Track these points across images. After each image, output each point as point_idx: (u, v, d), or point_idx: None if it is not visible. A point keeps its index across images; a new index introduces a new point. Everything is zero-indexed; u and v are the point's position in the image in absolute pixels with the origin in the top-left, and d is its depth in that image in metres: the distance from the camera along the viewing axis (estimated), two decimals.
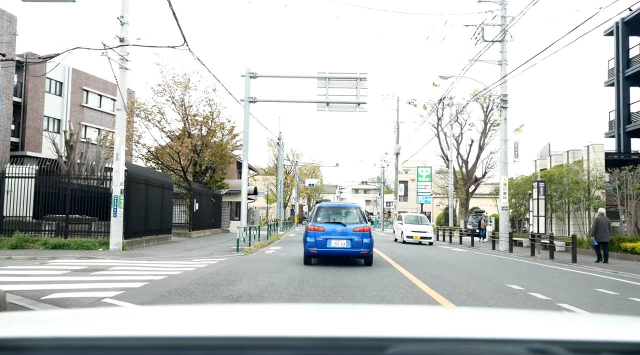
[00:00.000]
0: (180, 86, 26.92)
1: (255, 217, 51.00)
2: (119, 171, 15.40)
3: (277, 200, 41.53)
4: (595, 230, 15.64)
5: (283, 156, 41.17)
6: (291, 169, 67.13)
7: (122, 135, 15.65)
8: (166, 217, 20.82)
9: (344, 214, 12.86)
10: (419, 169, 51.20)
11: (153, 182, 19.08)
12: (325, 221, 12.40)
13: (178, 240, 22.31)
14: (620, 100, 27.71)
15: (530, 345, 1.02)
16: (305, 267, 11.84)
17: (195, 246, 18.53)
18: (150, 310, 2.51)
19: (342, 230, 12.05)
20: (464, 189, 43.86)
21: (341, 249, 12.02)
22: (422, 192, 53.68)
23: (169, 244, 19.33)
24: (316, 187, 76.97)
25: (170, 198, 21.42)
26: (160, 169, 29.77)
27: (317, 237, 12.02)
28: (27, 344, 1.05)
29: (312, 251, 12.07)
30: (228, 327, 1.29)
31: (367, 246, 12.03)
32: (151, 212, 18.85)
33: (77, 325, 1.35)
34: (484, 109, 43.95)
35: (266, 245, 20.57)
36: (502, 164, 22.04)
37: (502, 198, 21.72)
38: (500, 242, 21.56)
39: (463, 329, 1.34)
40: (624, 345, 1.09)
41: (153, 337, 1.11)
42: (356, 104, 18.76)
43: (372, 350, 1.03)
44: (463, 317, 1.73)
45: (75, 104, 38.25)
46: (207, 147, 28.76)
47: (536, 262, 16.44)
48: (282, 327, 1.31)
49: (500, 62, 22.01)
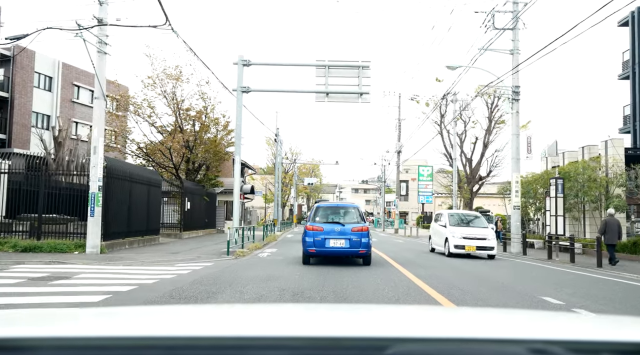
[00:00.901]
0: (171, 79, 25.44)
1: (252, 217, 49.50)
2: (96, 166, 13.94)
3: (275, 199, 40.01)
4: (604, 231, 14.81)
5: (281, 154, 39.69)
6: (290, 168, 65.60)
7: (100, 126, 14.18)
8: (153, 216, 19.36)
9: (343, 213, 12.81)
10: (420, 168, 49.77)
11: (138, 179, 17.61)
12: (323, 221, 12.35)
13: (167, 241, 20.85)
14: (636, 94, 26.25)
15: (531, 346, 1.01)
16: (302, 273, 10.45)
17: (183, 248, 17.06)
18: (150, 310, 2.59)
19: (341, 230, 12.02)
20: (468, 188, 42.45)
21: (340, 249, 11.99)
22: (423, 192, 52.28)
23: (155, 246, 17.87)
24: (315, 186, 75.37)
25: (158, 196, 19.96)
26: (151, 166, 28.33)
27: (316, 237, 11.97)
28: (27, 344, 1.05)
29: (311, 251, 12.02)
30: (228, 327, 1.31)
31: (366, 246, 12.00)
32: (136, 211, 17.39)
33: (77, 325, 1.36)
34: (488, 106, 42.62)
35: (261, 247, 19.12)
36: (513, 160, 20.57)
37: (514, 197, 20.25)
38: (512, 244, 20.10)
39: (463, 329, 1.34)
40: (624, 345, 1.08)
41: (153, 337, 1.10)
42: (358, 94, 17.29)
43: (372, 350, 1.03)
44: (463, 317, 1.73)
45: (66, 99, 36.76)
46: (200, 143, 27.29)
47: (557, 266, 14.98)
48: (282, 327, 1.31)
49: (511, 51, 20.54)
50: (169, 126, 27.11)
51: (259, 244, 19.30)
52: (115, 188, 15.64)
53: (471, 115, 42.47)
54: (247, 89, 17.23)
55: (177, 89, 26.26)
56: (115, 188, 15.60)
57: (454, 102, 39.74)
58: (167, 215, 24.51)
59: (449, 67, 21.05)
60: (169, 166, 27.77)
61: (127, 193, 16.52)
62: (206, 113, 27.77)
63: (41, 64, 33.83)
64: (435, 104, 41.84)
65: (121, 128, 27.10)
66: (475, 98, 37.43)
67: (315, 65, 17.47)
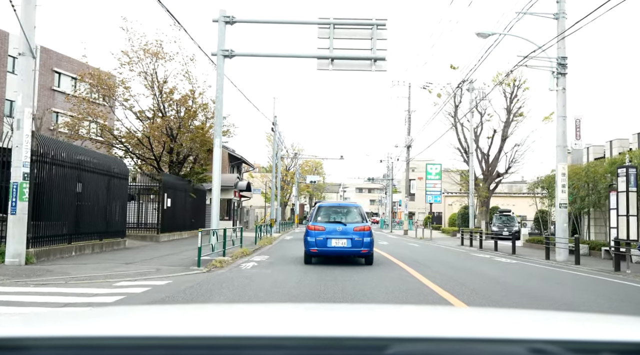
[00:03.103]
0: (150, 54, 21.78)
1: (250, 217, 45.80)
2: (21, 146, 10.27)
3: (272, 194, 36.18)
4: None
5: (277, 142, 35.91)
6: (291, 166, 61.78)
7: (26, 91, 10.51)
8: (116, 215, 15.70)
9: (344, 213, 12.71)
10: (428, 166, 45.89)
11: (93, 167, 13.96)
12: (325, 220, 12.28)
13: (137, 246, 17.18)
14: None
15: (531, 345, 1.01)
16: (295, 293, 6.81)
17: (147, 256, 13.38)
18: (150, 309, 2.56)
19: (343, 229, 11.93)
20: (485, 185, 38.69)
21: (341, 248, 11.87)
22: (431, 191, 48.41)
23: (115, 253, 14.20)
24: (318, 185, 71.49)
25: (124, 190, 16.30)
26: (130, 157, 24.71)
27: (318, 237, 11.87)
28: (27, 344, 1.05)
29: (313, 251, 11.91)
30: (228, 327, 1.30)
31: (368, 245, 11.90)
32: (90, 208, 13.78)
33: (76, 325, 1.34)
34: (506, 96, 38.96)
35: (250, 253, 15.47)
36: (559, 148, 16.83)
37: (560, 192, 16.52)
38: (557, 251, 16.36)
39: (463, 328, 1.33)
40: (624, 345, 1.08)
41: (153, 337, 1.10)
42: (371, 60, 13.57)
43: (371, 350, 1.03)
44: (463, 317, 1.70)
45: (45, 87, 33.15)
46: (186, 131, 23.63)
47: (635, 282, 11.27)
48: (282, 326, 1.30)
49: (556, 15, 16.83)
50: (149, 111, 23.49)
51: (247, 250, 15.63)
52: (56, 177, 12.01)
53: (488, 105, 38.74)
54: (231, 52, 13.53)
55: (157, 67, 22.63)
56: (55, 177, 11.97)
57: (471, 91, 35.99)
58: (148, 214, 20.91)
59: (480, 35, 17.32)
60: (150, 158, 24.13)
61: (75, 184, 12.86)
62: (193, 97, 24.10)
63: (17, 46, 30.29)
64: (449, 95, 38.15)
65: (103, 115, 23.23)
66: (498, 84, 33.70)
67: (317, 23, 13.77)
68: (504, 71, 36.46)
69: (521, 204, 51.66)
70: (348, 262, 12.56)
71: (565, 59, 16.72)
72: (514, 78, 38.15)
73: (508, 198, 52.84)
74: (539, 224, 42.49)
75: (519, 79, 38.59)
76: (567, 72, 16.75)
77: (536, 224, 42.83)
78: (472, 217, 33.83)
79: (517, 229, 34.58)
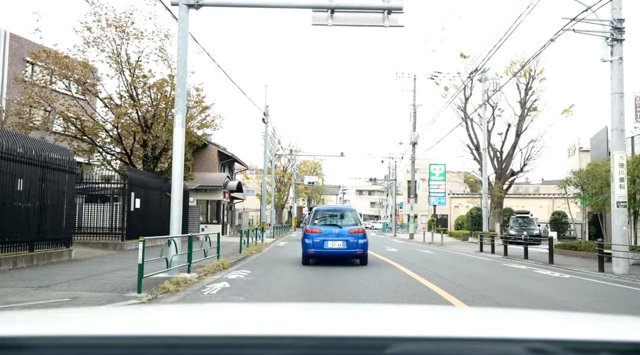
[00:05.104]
0: (114, 28, 18.43)
1: (243, 221, 42.37)
2: None
3: (263, 194, 32.69)
4: None
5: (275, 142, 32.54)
6: (288, 167, 58.33)
7: None
8: (58, 217, 12.30)
9: (340, 216, 13.26)
10: (432, 166, 42.47)
11: (18, 156, 10.59)
12: (322, 223, 12.78)
13: (90, 256, 13.80)
14: None
15: (530, 345, 1.00)
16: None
17: (82, 273, 9.93)
18: (149, 309, 2.61)
19: (338, 232, 12.45)
20: (499, 184, 35.39)
21: (337, 250, 12.37)
22: (435, 193, 44.94)
23: (46, 268, 10.78)
24: (317, 187, 67.99)
25: (70, 187, 12.89)
26: (97, 151, 21.37)
27: (315, 239, 12.38)
28: (27, 343, 1.03)
29: (310, 252, 12.39)
30: (227, 326, 1.28)
31: (362, 246, 12.43)
32: (15, 209, 10.42)
33: (76, 324, 1.32)
34: (520, 89, 35.75)
35: (228, 266, 12.10)
36: (615, 133, 13.49)
37: (618, 187, 13.19)
38: (615, 261, 13.02)
39: (463, 328, 1.32)
40: (624, 345, 1.07)
41: (153, 336, 1.08)
42: (384, 11, 10.22)
43: (371, 349, 1.02)
44: (463, 316, 1.68)
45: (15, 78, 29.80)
46: (161, 120, 20.27)
47: None
48: (282, 326, 1.28)
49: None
50: (118, 97, 20.13)
51: (224, 262, 12.23)
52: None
53: (499, 99, 35.54)
54: (197, 1, 10.15)
55: (127, 46, 19.29)
56: None
57: (483, 81, 32.65)
58: (114, 218, 17.57)
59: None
60: (119, 152, 20.77)
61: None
62: (172, 83, 20.78)
63: None
64: (457, 88, 34.91)
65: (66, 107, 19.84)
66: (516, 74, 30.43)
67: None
68: (521, 58, 33.36)
69: (530, 205, 48.43)
70: (350, 278, 9.24)
71: (622, 21, 13.40)
72: (529, 68, 35.01)
73: (517, 199, 49.61)
74: (555, 226, 39.29)
75: (534, 69, 35.47)
76: (624, 37, 13.45)
77: (552, 226, 39.60)
78: (485, 219, 30.44)
79: (537, 232, 31.26)
